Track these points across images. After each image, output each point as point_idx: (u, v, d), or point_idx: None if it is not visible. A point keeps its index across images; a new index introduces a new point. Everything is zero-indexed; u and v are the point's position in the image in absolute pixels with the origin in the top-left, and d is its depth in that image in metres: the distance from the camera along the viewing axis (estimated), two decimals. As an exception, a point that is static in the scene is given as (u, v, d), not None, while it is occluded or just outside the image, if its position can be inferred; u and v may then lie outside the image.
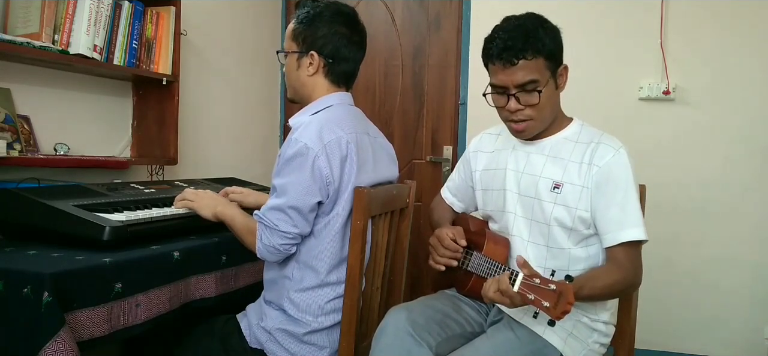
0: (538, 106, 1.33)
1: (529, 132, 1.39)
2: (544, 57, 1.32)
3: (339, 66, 1.46)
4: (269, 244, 1.35)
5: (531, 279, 1.13)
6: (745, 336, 2.54)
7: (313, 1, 1.48)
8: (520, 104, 1.34)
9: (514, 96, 1.34)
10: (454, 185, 1.68)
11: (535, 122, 1.37)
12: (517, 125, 1.38)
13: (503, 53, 1.31)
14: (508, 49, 1.30)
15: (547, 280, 1.11)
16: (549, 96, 1.35)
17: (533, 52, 1.30)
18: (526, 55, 1.30)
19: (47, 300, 1.04)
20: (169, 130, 2.20)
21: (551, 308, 1.08)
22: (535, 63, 1.31)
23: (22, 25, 1.70)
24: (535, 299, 1.11)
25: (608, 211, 1.32)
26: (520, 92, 1.33)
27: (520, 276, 1.14)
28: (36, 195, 1.38)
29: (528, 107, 1.34)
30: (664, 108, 2.61)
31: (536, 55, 1.31)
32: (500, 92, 1.37)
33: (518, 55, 1.30)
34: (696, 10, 2.54)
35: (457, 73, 2.94)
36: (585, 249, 1.38)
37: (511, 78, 1.32)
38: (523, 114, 1.35)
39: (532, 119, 1.36)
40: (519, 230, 1.43)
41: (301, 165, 1.32)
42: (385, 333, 1.35)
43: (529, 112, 1.35)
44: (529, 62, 1.31)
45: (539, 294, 1.10)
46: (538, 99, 1.32)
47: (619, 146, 1.35)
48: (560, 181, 1.36)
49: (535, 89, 1.32)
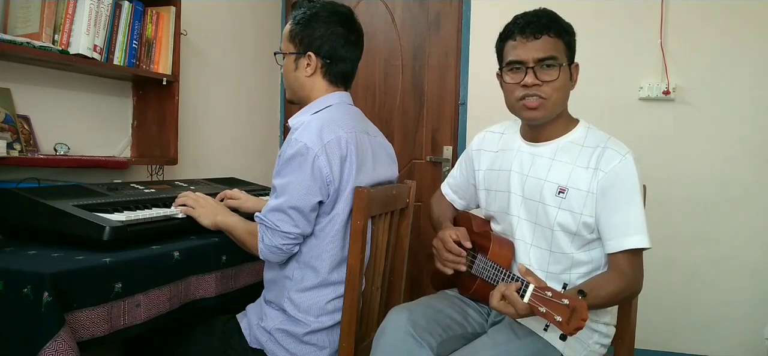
0: (554, 85, 1.33)
1: (541, 113, 1.36)
2: (564, 42, 1.35)
3: (336, 66, 1.46)
4: (271, 245, 1.35)
5: (542, 292, 1.11)
6: (745, 336, 2.54)
7: (310, 1, 1.48)
8: (536, 79, 1.33)
9: (532, 70, 1.34)
10: (455, 182, 1.68)
11: (547, 102, 1.34)
12: (531, 101, 1.35)
13: (527, 27, 1.34)
14: (533, 24, 1.34)
15: (559, 294, 1.09)
16: (563, 83, 1.35)
17: (557, 32, 1.34)
18: (550, 32, 1.34)
19: (47, 300, 1.04)
20: (169, 130, 2.20)
21: (564, 323, 1.06)
22: (556, 42, 1.34)
23: (22, 25, 1.70)
24: (547, 312, 1.09)
25: (612, 217, 1.31)
26: (538, 66, 1.33)
27: (530, 288, 1.12)
28: (36, 195, 1.38)
29: (545, 83, 1.33)
30: (664, 108, 2.61)
31: (559, 36, 1.34)
32: (517, 67, 1.36)
33: (542, 30, 1.33)
34: (696, 10, 2.54)
35: (457, 73, 2.94)
36: (587, 253, 1.38)
37: (533, 52, 1.33)
38: (538, 90, 1.34)
39: (546, 97, 1.34)
40: (522, 234, 1.42)
41: (301, 165, 1.32)
42: (385, 333, 1.35)
43: (546, 89, 1.33)
44: (551, 39, 1.34)
45: (551, 307, 1.09)
46: (557, 75, 1.33)
47: (625, 152, 1.34)
48: (565, 186, 1.35)
49: (555, 64, 1.33)
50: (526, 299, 1.12)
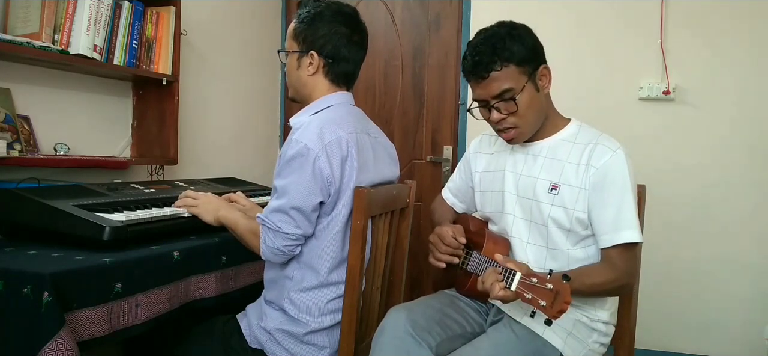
0: (519, 112, 1.35)
1: (519, 138, 1.40)
2: (514, 64, 1.33)
3: (339, 66, 1.46)
4: (273, 246, 1.35)
5: (528, 278, 1.13)
6: (745, 336, 2.54)
7: (315, 0, 1.48)
8: (501, 113, 1.36)
9: (494, 107, 1.36)
10: (455, 186, 1.69)
11: (520, 129, 1.38)
12: (505, 133, 1.40)
13: (474, 69, 1.35)
14: (477, 65, 1.34)
15: (544, 279, 1.11)
16: (529, 100, 1.35)
17: (502, 61, 1.32)
18: (495, 66, 1.32)
19: (47, 300, 1.04)
20: (169, 130, 2.20)
21: (548, 307, 1.09)
22: (505, 72, 1.33)
23: (22, 25, 1.70)
24: (532, 298, 1.11)
25: (604, 212, 1.32)
26: (498, 102, 1.35)
27: (517, 276, 1.14)
28: (36, 195, 1.38)
29: (510, 115, 1.36)
30: (664, 108, 2.61)
31: (506, 63, 1.32)
32: (482, 105, 1.40)
33: (488, 68, 1.33)
34: (696, 11, 2.54)
35: (457, 73, 2.94)
36: (584, 250, 1.38)
37: (486, 91, 1.35)
38: (506, 123, 1.37)
39: (516, 126, 1.37)
40: (518, 232, 1.43)
41: (301, 166, 1.32)
42: (385, 333, 1.35)
43: (513, 119, 1.36)
44: (499, 73, 1.33)
45: (536, 293, 1.11)
46: (515, 106, 1.34)
47: (616, 147, 1.35)
48: (557, 182, 1.36)
49: (511, 98, 1.33)
50: (513, 287, 1.14)
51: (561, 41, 2.64)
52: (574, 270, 1.29)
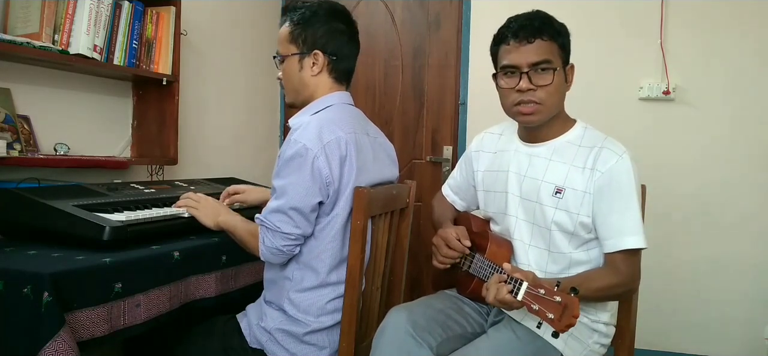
0: (549, 89, 1.33)
1: (537, 117, 1.37)
2: (558, 45, 1.35)
3: (341, 63, 1.46)
4: (272, 246, 1.35)
5: (535, 289, 1.11)
6: (745, 336, 2.54)
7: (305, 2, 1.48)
8: (531, 84, 1.34)
9: (527, 75, 1.34)
10: (456, 184, 1.68)
11: (543, 107, 1.35)
12: (526, 106, 1.36)
13: (520, 31, 1.34)
14: (526, 28, 1.34)
15: (552, 291, 1.09)
16: (558, 84, 1.35)
17: (550, 34, 1.34)
18: (543, 36, 1.34)
19: (47, 300, 1.04)
20: (169, 130, 2.20)
21: (556, 321, 1.07)
22: (550, 45, 1.34)
23: (22, 25, 1.70)
24: (539, 310, 1.09)
25: (609, 217, 1.31)
26: (532, 70, 1.33)
27: (524, 286, 1.13)
28: (36, 195, 1.38)
29: (539, 88, 1.34)
30: (664, 108, 2.61)
31: (552, 38, 1.34)
32: (511, 71, 1.37)
33: (535, 34, 1.33)
34: (696, 10, 2.54)
35: (457, 73, 2.94)
36: (586, 253, 1.38)
37: (526, 56, 1.34)
38: (533, 95, 1.34)
39: (541, 102, 1.34)
40: (520, 234, 1.43)
41: (300, 166, 1.32)
42: (385, 333, 1.35)
43: (540, 94, 1.34)
44: (544, 43, 1.33)
45: (544, 304, 1.09)
46: (551, 79, 1.33)
47: (622, 152, 1.34)
48: (562, 186, 1.35)
49: (549, 68, 1.33)
50: (520, 297, 1.13)
51: (561, 41, 2.64)
52: (578, 276, 1.29)
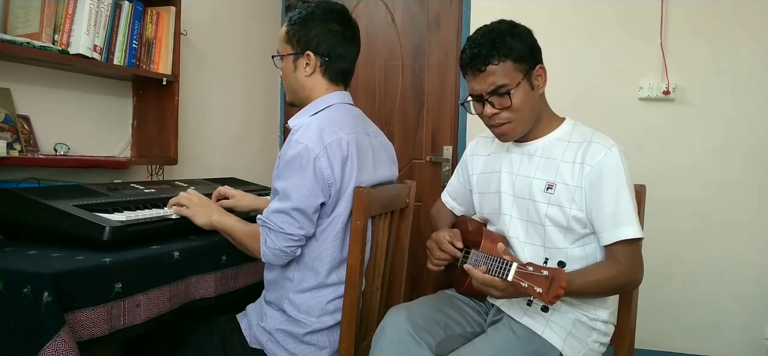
0: (512, 108, 1.36)
1: (511, 135, 1.41)
2: (511, 60, 1.34)
3: (335, 64, 1.46)
4: (275, 247, 1.35)
5: (524, 268, 1.15)
6: (745, 336, 2.54)
7: (304, 1, 1.48)
8: (495, 109, 1.37)
9: (488, 101, 1.37)
10: (454, 190, 1.69)
11: (513, 124, 1.38)
12: (497, 129, 1.41)
13: (471, 61, 1.36)
14: (476, 57, 1.35)
15: (539, 267, 1.13)
16: (523, 98, 1.36)
17: (500, 56, 1.33)
18: (492, 60, 1.34)
19: (47, 300, 1.04)
20: (169, 130, 2.20)
21: (544, 294, 1.10)
22: (502, 67, 1.34)
23: (22, 25, 1.70)
24: (529, 286, 1.13)
25: (603, 210, 1.32)
26: (492, 96, 1.36)
27: (513, 267, 1.16)
28: (36, 195, 1.38)
29: (503, 110, 1.37)
30: (664, 108, 2.61)
31: (503, 59, 1.34)
32: (476, 99, 1.40)
33: (485, 62, 1.34)
34: (696, 10, 2.54)
35: (457, 73, 2.94)
36: (582, 248, 1.38)
37: (481, 84, 1.36)
38: (499, 118, 1.38)
39: (509, 121, 1.38)
40: (515, 232, 1.43)
41: (302, 167, 1.32)
42: (385, 333, 1.35)
43: (506, 115, 1.37)
44: (496, 67, 1.34)
45: (532, 280, 1.13)
46: (509, 101, 1.35)
47: (610, 145, 1.35)
48: (553, 181, 1.37)
49: (505, 92, 1.34)
50: (510, 277, 1.16)
51: (561, 41, 2.64)
52: (579, 270, 1.32)
